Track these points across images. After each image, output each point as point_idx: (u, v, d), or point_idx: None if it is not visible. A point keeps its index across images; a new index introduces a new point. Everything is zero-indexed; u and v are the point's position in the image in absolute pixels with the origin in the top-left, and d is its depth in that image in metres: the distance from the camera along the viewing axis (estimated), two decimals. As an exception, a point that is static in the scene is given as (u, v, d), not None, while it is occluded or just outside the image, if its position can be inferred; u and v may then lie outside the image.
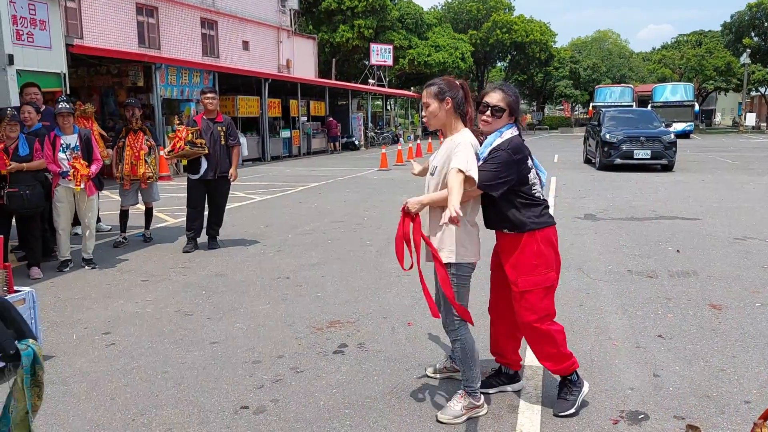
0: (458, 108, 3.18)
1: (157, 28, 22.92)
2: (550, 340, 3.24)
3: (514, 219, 3.17)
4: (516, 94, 3.23)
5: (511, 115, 3.20)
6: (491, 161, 3.08)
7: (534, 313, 3.19)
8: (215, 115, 7.39)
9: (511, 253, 3.22)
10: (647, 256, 6.75)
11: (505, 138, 3.14)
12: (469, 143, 3.05)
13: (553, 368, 3.32)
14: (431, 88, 3.19)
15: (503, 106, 3.17)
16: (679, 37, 67.58)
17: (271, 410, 3.33)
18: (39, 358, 1.13)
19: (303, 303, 5.25)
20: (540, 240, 3.18)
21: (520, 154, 3.12)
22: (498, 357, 3.56)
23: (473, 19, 54.95)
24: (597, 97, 42.38)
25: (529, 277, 3.17)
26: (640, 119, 18.49)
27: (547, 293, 3.22)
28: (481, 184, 3.02)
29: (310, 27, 40.98)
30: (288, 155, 25.49)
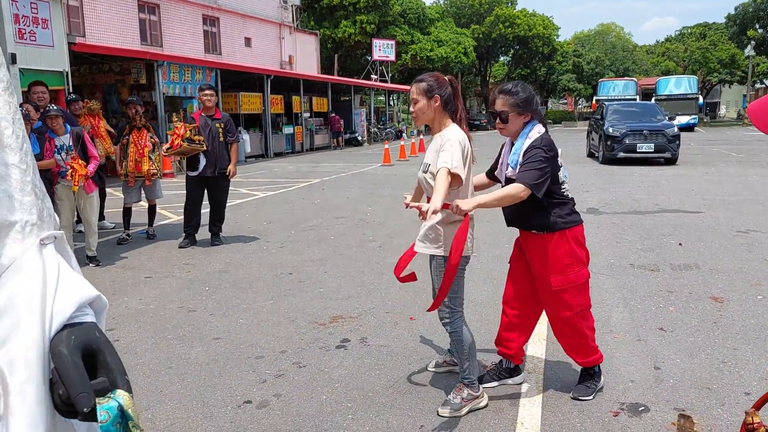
0: (447, 105, 3.18)
1: (159, 26, 22.95)
2: (581, 335, 3.31)
3: (544, 220, 3.17)
4: (518, 92, 3.19)
5: (523, 114, 3.19)
6: (530, 161, 3.06)
7: (570, 309, 3.24)
8: (213, 112, 7.40)
9: (541, 253, 3.22)
10: (649, 249, 6.76)
11: (534, 137, 3.14)
12: (457, 140, 3.06)
13: (581, 361, 3.39)
14: (420, 84, 3.18)
15: (507, 110, 3.18)
16: (683, 29, 67.34)
17: (273, 405, 3.36)
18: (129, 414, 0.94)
19: (305, 298, 5.27)
20: (570, 239, 3.19)
21: (553, 151, 3.13)
22: (503, 349, 3.55)
23: (476, 14, 54.83)
24: (600, 90, 42.25)
25: (562, 276, 3.18)
26: (644, 113, 18.44)
27: (582, 289, 3.25)
28: (530, 184, 3.02)
29: (312, 23, 40.96)
30: (291, 151, 25.53)
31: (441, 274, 3.17)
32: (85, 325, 0.93)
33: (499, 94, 3.24)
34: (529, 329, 3.53)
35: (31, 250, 0.93)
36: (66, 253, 1.00)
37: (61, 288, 0.93)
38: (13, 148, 0.94)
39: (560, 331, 3.38)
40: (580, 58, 60.30)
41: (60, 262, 0.96)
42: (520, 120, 3.20)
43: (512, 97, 3.18)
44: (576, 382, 3.46)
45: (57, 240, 0.98)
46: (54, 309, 0.90)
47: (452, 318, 3.22)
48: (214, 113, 7.41)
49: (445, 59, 45.09)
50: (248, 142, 21.93)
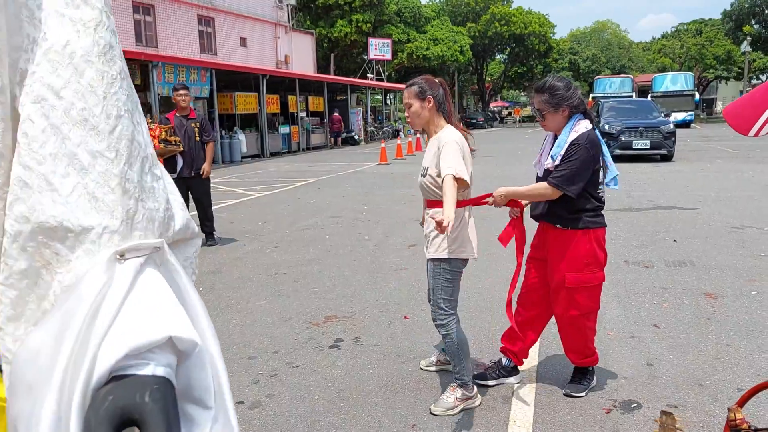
0: (440, 106, 3.18)
1: (154, 26, 22.92)
2: (583, 336, 3.30)
3: (571, 215, 3.15)
4: (551, 88, 3.15)
5: (559, 109, 3.14)
6: (569, 160, 3.04)
7: (578, 309, 3.23)
8: (188, 112, 7.35)
9: (562, 248, 3.19)
10: (644, 246, 6.76)
11: (580, 132, 3.10)
12: (454, 142, 3.05)
13: (577, 361, 3.39)
14: (412, 88, 3.17)
15: (541, 108, 3.18)
16: (680, 26, 67.34)
17: (266, 405, 3.35)
18: None
19: (300, 298, 5.27)
20: (593, 239, 3.17)
21: (596, 148, 3.09)
22: (508, 344, 3.53)
23: (471, 12, 54.82)
24: (596, 87, 42.27)
25: (579, 274, 3.16)
26: (639, 109, 18.46)
27: (595, 291, 3.24)
28: (562, 185, 3.02)
29: (307, 22, 40.91)
30: (287, 151, 25.51)
31: (437, 277, 3.15)
32: (132, 381, 0.65)
33: (534, 93, 3.25)
34: (538, 330, 3.52)
35: (98, 265, 0.69)
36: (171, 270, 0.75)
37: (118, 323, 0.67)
38: (101, 131, 0.72)
39: (564, 330, 3.36)
40: (577, 55, 60.36)
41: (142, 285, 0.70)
42: (558, 115, 3.16)
43: (544, 94, 3.16)
44: (568, 380, 3.46)
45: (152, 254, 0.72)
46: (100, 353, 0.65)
47: (446, 320, 3.20)
48: (188, 113, 7.35)
49: (441, 58, 45.07)
50: (244, 142, 21.92)
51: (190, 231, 0.84)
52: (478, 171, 12.00)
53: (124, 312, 0.68)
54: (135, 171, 0.74)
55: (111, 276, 0.69)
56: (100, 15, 0.75)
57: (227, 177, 16.26)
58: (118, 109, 0.73)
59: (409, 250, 6.84)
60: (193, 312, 0.75)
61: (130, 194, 0.73)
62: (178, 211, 0.81)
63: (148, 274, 0.71)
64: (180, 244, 0.83)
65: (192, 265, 0.87)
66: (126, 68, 0.79)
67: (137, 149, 0.75)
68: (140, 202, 0.74)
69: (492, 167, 15.92)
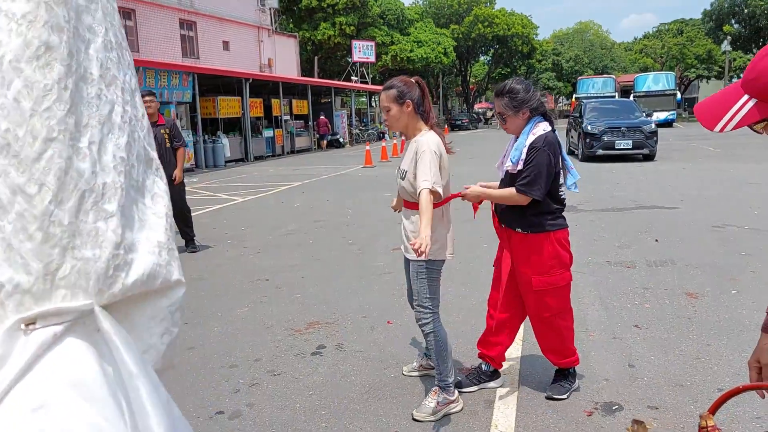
0: (418, 108, 3.16)
1: (134, 31, 22.73)
2: (558, 336, 3.32)
3: (532, 220, 3.16)
4: (511, 91, 3.15)
5: (520, 111, 3.14)
6: (531, 166, 3.04)
7: (549, 310, 3.26)
8: (156, 119, 7.23)
9: (526, 252, 3.21)
10: (626, 246, 6.79)
11: (537, 135, 3.10)
12: (431, 151, 3.03)
13: (556, 361, 3.40)
14: (390, 91, 3.14)
15: (502, 111, 3.19)
16: (661, 26, 68.02)
17: (246, 415, 3.31)
18: None
19: (282, 305, 5.23)
20: (555, 241, 3.18)
21: (554, 150, 3.10)
22: (485, 350, 3.53)
23: (455, 14, 54.98)
24: (579, 88, 42.56)
25: (545, 277, 3.18)
26: (622, 110, 18.59)
27: (563, 291, 3.27)
28: (529, 191, 3.02)
29: (290, 25, 40.82)
30: (271, 155, 25.40)
31: (420, 277, 3.15)
32: None
33: (494, 96, 3.25)
34: (513, 333, 3.52)
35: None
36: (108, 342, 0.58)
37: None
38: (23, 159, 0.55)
39: (539, 331, 3.40)
40: (560, 56, 60.77)
41: (50, 368, 0.52)
42: (519, 118, 3.16)
43: (504, 97, 3.17)
44: (550, 382, 3.45)
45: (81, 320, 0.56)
46: None
47: (429, 319, 3.20)
48: (156, 119, 7.24)
49: (425, 60, 45.15)
50: (228, 146, 21.80)
51: (162, 280, 0.68)
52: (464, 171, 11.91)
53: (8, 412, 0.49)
54: (67, 209, 0.59)
55: (7, 352, 0.52)
56: (37, 8, 0.58)
57: (210, 182, 16.15)
58: (49, 130, 0.57)
59: (393, 253, 6.82)
60: (136, 404, 0.57)
61: (55, 242, 0.58)
62: (143, 255, 0.65)
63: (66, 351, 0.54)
64: (146, 299, 0.67)
65: (164, 325, 0.70)
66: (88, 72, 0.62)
67: (74, 181, 0.59)
68: (69, 252, 0.58)
69: (476, 167, 15.94)
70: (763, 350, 1.72)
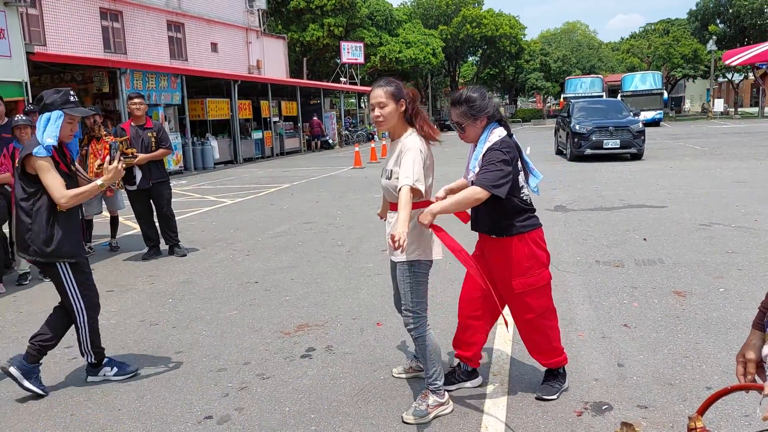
0: (407, 111, 3.16)
1: (122, 33, 22.59)
2: (544, 336, 3.32)
3: (503, 223, 3.16)
4: (468, 100, 3.14)
5: (477, 120, 3.15)
6: (488, 163, 3.03)
7: (532, 311, 3.26)
8: (144, 121, 7.18)
9: (502, 256, 3.21)
10: (615, 245, 6.82)
11: (493, 141, 3.10)
12: (417, 149, 3.02)
13: (545, 362, 3.39)
14: (388, 87, 3.10)
15: (460, 120, 3.16)
16: (647, 26, 68.43)
17: (235, 419, 3.29)
18: None
19: (271, 307, 5.20)
20: (530, 241, 3.18)
21: (512, 153, 3.09)
22: (461, 351, 3.53)
23: (443, 15, 55.08)
24: (567, 88, 42.76)
25: (523, 278, 3.18)
26: (609, 109, 18.69)
27: (544, 291, 3.26)
28: (489, 187, 2.97)
29: (279, 27, 40.70)
30: (261, 156, 25.32)
31: (406, 281, 3.14)
32: None
33: (451, 106, 3.23)
34: (486, 331, 3.51)
35: None
36: None
37: None
38: None
39: (524, 333, 3.40)
40: (547, 56, 60.96)
41: None
42: (477, 126, 3.17)
43: (462, 106, 3.15)
44: (540, 383, 3.45)
45: None
46: None
47: (417, 323, 3.18)
48: (144, 122, 7.18)
49: (414, 60, 45.19)
50: (216, 148, 21.70)
51: None
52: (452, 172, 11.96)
53: None
54: None
55: None
56: None
57: (199, 184, 16.07)
58: None
59: (383, 255, 6.81)
60: None
61: None
62: None
63: None
64: None
65: None
66: None
67: None
68: None
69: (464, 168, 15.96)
70: (749, 346, 1.74)
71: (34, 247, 3.56)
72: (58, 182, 3.50)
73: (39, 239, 3.54)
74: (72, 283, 3.66)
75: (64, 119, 3.57)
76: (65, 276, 3.65)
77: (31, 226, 3.55)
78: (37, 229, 3.54)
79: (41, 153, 3.47)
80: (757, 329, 1.75)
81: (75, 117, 3.64)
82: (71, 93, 3.65)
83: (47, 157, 3.49)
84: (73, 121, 3.64)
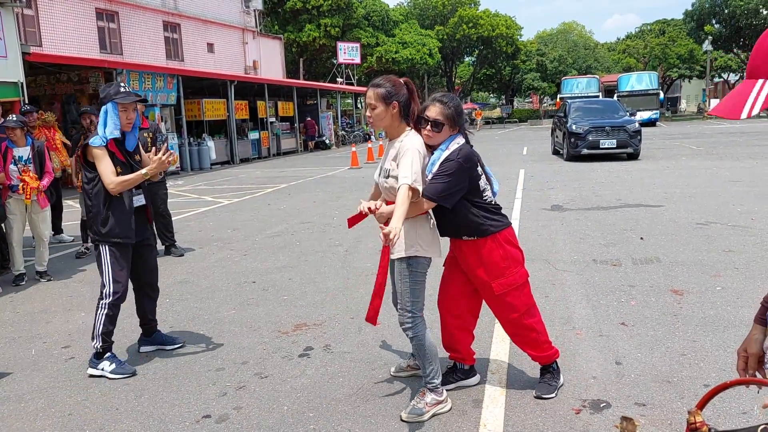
0: (403, 110, 3.15)
1: (118, 33, 22.55)
2: (530, 331, 3.33)
3: (473, 225, 3.17)
4: (456, 106, 3.17)
5: (454, 127, 3.16)
6: (442, 173, 3.05)
7: (515, 311, 3.27)
8: (140, 122, 7.18)
9: (477, 258, 3.22)
10: (612, 244, 6.83)
11: (453, 149, 3.12)
12: (416, 149, 3.03)
13: (535, 355, 3.39)
14: (378, 89, 3.11)
15: (441, 120, 3.11)
16: (643, 26, 68.60)
17: (233, 418, 3.28)
18: None
19: (269, 307, 5.19)
20: (502, 241, 3.20)
21: (470, 162, 3.11)
22: (452, 352, 3.56)
23: (439, 15, 55.13)
24: (564, 88, 42.81)
25: (502, 279, 3.20)
26: (605, 109, 18.71)
27: (523, 288, 3.28)
28: (436, 197, 3.01)
29: (275, 27, 40.69)
30: (257, 157, 25.30)
31: (404, 278, 3.15)
32: None
33: (437, 102, 3.15)
34: (470, 329, 3.53)
35: None
36: None
37: None
38: None
39: (511, 332, 3.42)
40: (544, 56, 61.01)
41: None
42: (449, 132, 3.16)
43: (449, 108, 3.13)
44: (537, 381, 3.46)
45: None
46: None
47: (413, 323, 3.19)
48: (140, 123, 7.18)
49: (410, 61, 45.21)
50: (213, 148, 21.67)
51: None
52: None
53: None
54: None
55: None
56: None
57: (196, 184, 16.05)
58: None
59: (379, 254, 6.79)
60: None
61: None
62: None
63: None
64: None
65: None
66: None
67: None
68: None
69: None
70: (751, 340, 1.74)
71: (94, 227, 3.91)
72: (108, 169, 3.81)
73: (98, 220, 3.88)
74: (109, 267, 3.91)
75: (118, 108, 3.83)
76: (105, 258, 3.91)
77: (92, 208, 3.91)
78: (96, 211, 3.89)
79: (96, 142, 3.82)
80: (759, 324, 1.75)
81: (127, 105, 3.87)
82: (121, 84, 3.94)
83: (101, 146, 3.81)
84: (126, 109, 3.88)
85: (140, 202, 4.13)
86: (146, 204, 4.16)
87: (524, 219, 8.34)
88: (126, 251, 3.98)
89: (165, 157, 3.90)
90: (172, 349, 4.29)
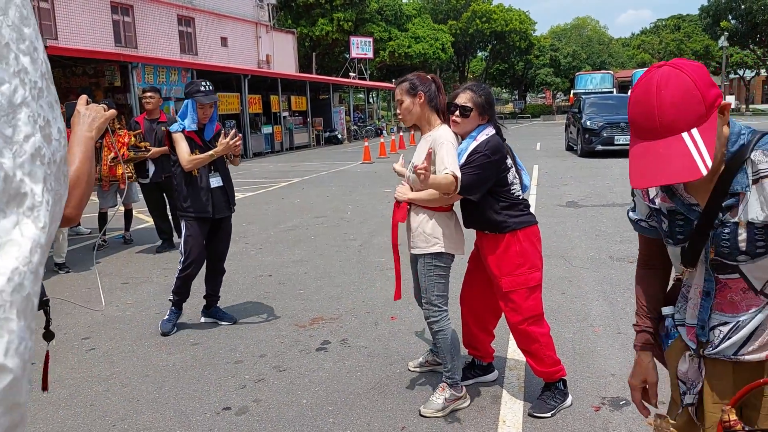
0: (431, 101, 3.16)
1: (133, 27, 22.66)
2: (534, 341, 3.18)
3: (494, 220, 3.12)
4: (487, 95, 3.15)
5: (483, 115, 3.13)
6: (470, 165, 3.02)
7: (519, 314, 3.14)
8: (157, 115, 7.19)
9: (493, 253, 3.17)
10: (628, 241, 6.79)
11: (481, 140, 3.09)
12: (450, 142, 3.03)
13: (537, 369, 3.21)
14: (403, 84, 3.18)
15: (470, 106, 3.09)
16: (658, 21, 67.98)
17: (253, 410, 3.31)
18: None
19: (285, 300, 5.22)
20: (522, 239, 3.12)
21: (499, 154, 3.06)
22: (471, 349, 3.55)
23: (452, 10, 54.91)
24: (577, 84, 42.49)
25: (512, 277, 3.12)
26: (620, 105, 18.54)
27: (532, 293, 3.15)
28: (461, 189, 2.98)
29: (288, 21, 40.69)
30: (270, 151, 25.34)
31: (428, 273, 3.15)
32: None
33: (468, 90, 3.16)
34: (490, 329, 3.50)
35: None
36: None
37: None
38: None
39: (516, 337, 3.27)
40: (557, 52, 60.67)
41: None
42: (477, 120, 3.13)
43: (479, 95, 3.12)
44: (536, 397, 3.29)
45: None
46: None
47: (439, 317, 3.19)
48: (158, 116, 7.18)
49: (423, 55, 45.08)
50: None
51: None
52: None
53: None
54: None
55: None
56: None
57: (210, 178, 16.10)
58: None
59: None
60: None
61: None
62: None
63: None
64: None
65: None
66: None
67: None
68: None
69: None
70: (648, 369, 1.68)
71: (179, 203, 4.49)
72: (184, 151, 4.35)
73: (180, 197, 4.48)
74: (186, 237, 4.48)
75: (196, 105, 4.38)
76: (185, 230, 4.50)
77: (176, 187, 4.50)
78: (178, 189, 4.48)
79: (174, 128, 4.42)
80: (647, 350, 1.69)
81: (204, 104, 4.39)
82: (201, 84, 4.43)
83: (178, 131, 4.39)
84: (203, 106, 4.41)
85: (218, 183, 4.52)
86: (224, 186, 4.55)
87: (539, 215, 8.27)
88: (203, 226, 4.49)
89: (231, 141, 4.24)
90: (228, 324, 4.67)
